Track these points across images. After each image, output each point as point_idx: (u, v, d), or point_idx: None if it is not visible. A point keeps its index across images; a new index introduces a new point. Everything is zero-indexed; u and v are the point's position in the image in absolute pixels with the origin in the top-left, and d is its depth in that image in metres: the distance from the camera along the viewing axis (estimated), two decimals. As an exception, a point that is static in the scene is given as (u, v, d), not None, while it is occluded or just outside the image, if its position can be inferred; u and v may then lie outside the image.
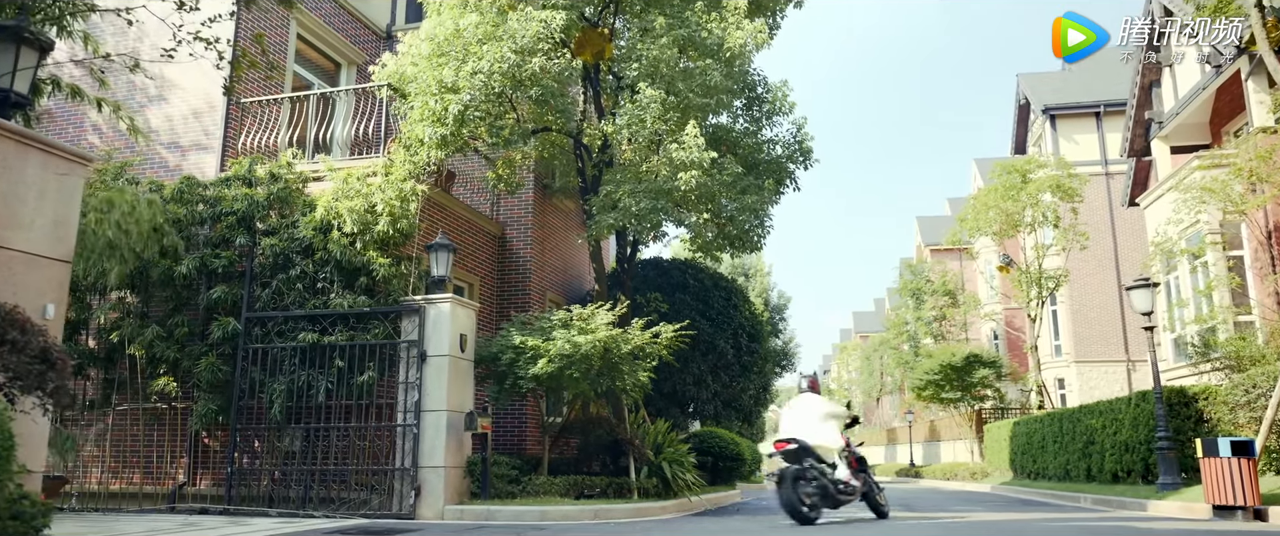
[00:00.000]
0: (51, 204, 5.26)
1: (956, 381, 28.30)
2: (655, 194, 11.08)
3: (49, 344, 4.38)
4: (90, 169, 5.69)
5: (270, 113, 12.59)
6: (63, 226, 5.34)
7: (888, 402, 60.60)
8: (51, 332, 5.14)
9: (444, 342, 10.24)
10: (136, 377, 11.21)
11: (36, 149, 5.21)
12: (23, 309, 4.50)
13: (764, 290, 37.47)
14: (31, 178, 5.13)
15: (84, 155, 5.53)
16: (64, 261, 5.34)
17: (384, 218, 10.36)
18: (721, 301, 15.72)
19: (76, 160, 5.43)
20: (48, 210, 5.23)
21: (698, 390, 15.04)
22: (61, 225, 5.34)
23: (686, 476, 12.09)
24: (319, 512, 9.91)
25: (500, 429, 13.72)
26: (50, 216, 5.25)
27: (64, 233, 5.35)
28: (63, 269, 5.32)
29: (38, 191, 5.15)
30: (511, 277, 14.60)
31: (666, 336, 11.35)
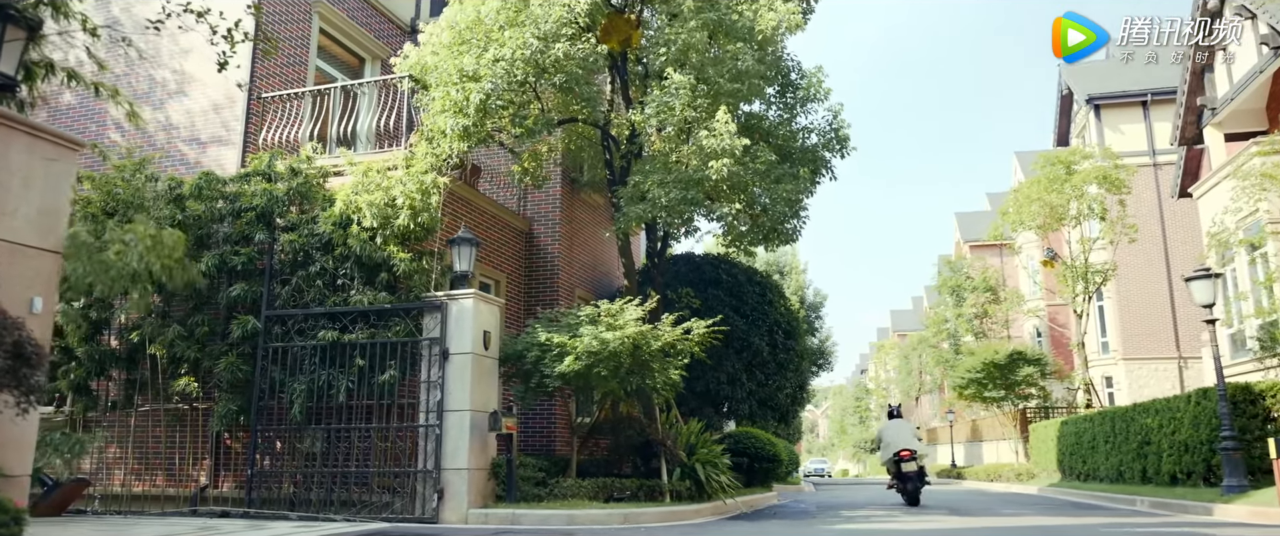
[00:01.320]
0: (38, 191, 4.95)
1: (1000, 380, 27.45)
2: (685, 184, 10.62)
3: (23, 338, 4.07)
4: (81, 154, 5.39)
5: (291, 107, 12.33)
6: (51, 215, 5.03)
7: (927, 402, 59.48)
8: (40, 327, 4.83)
9: (467, 340, 9.88)
10: (158, 378, 11.00)
11: (22, 132, 4.90)
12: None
13: (799, 288, 36.80)
14: (16, 163, 4.82)
15: (74, 140, 5.22)
16: (53, 252, 5.03)
17: (404, 211, 10.02)
18: (756, 297, 15.20)
19: (66, 145, 5.12)
20: (34, 198, 4.92)
21: (732, 389, 14.53)
22: (50, 214, 5.03)
23: (721, 478, 11.61)
24: (340, 516, 9.59)
25: (528, 429, 13.36)
26: (36, 205, 4.94)
27: (53, 222, 5.04)
28: (51, 260, 5.01)
29: (23, 178, 4.85)
30: (539, 274, 14.22)
31: (698, 332, 10.88)
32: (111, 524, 9.42)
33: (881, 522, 10.21)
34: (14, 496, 4.70)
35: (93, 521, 9.77)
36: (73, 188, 11.53)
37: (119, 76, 13.16)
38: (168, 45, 13.06)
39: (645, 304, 10.79)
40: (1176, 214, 29.66)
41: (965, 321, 38.41)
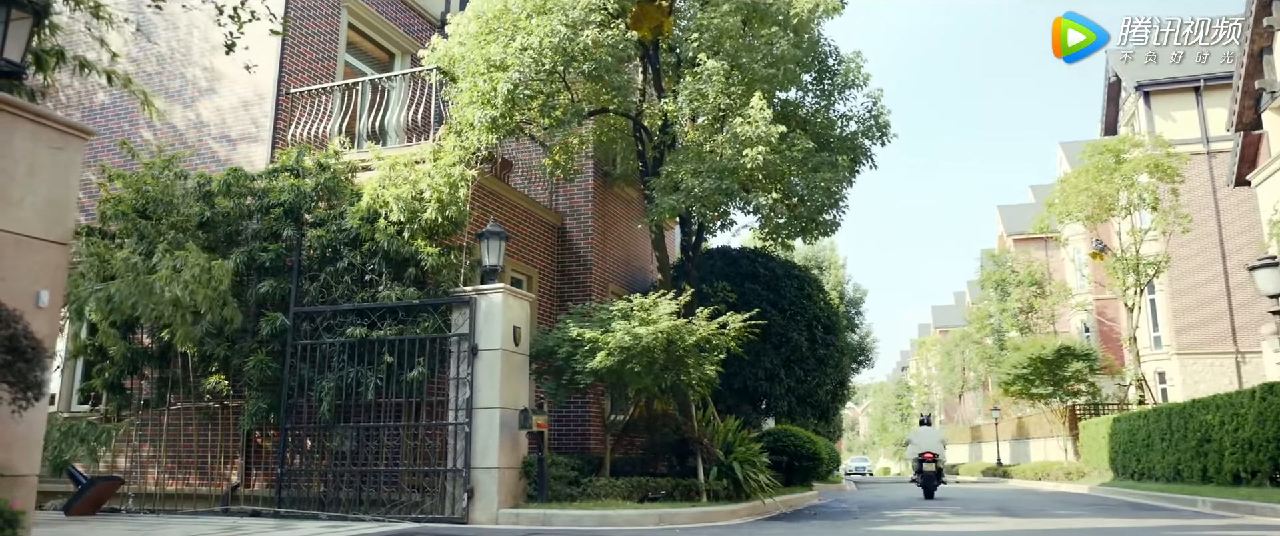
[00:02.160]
0: (45, 181, 4.78)
1: (1047, 375, 26.67)
2: (719, 173, 10.27)
3: (19, 332, 3.88)
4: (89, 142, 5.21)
5: (319, 103, 12.20)
6: (58, 206, 4.85)
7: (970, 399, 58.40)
8: (46, 321, 4.65)
9: (496, 336, 9.64)
10: (189, 375, 10.93)
11: (26, 119, 4.72)
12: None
13: (839, 283, 36.18)
14: (20, 151, 4.65)
15: (81, 128, 5.04)
16: (60, 243, 4.85)
17: (431, 205, 9.81)
18: (794, 291, 14.80)
19: (73, 133, 4.94)
20: (40, 187, 4.75)
21: (770, 385, 14.15)
22: (57, 205, 4.85)
23: (759, 477, 11.26)
24: (369, 515, 9.41)
25: (562, 427, 13.11)
26: (43, 195, 4.77)
27: (60, 213, 4.86)
28: (59, 252, 4.83)
29: (28, 166, 4.67)
30: (572, 269, 13.97)
31: (735, 327, 10.54)
32: (142, 523, 9.34)
33: (928, 524, 9.78)
34: (22, 497, 4.52)
35: (124, 520, 9.70)
36: (105, 186, 11.64)
37: (150, 75, 13.18)
38: (198, 42, 13.03)
39: (679, 298, 10.47)
40: (1232, 203, 28.60)
41: (1010, 316, 37.53)
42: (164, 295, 8.54)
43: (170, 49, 13.23)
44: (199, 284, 8.76)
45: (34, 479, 4.69)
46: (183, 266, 8.72)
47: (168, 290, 8.54)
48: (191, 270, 8.68)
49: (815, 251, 35.91)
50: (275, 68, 12.22)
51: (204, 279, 8.80)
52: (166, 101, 12.93)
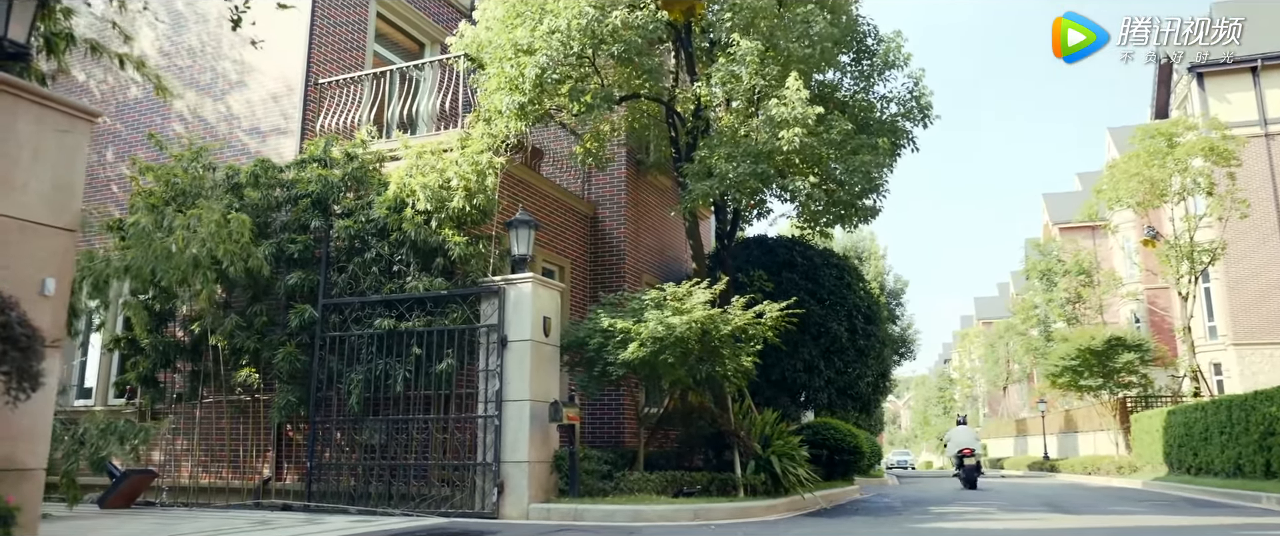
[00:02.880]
0: (50, 165, 4.61)
1: (1097, 367, 25.83)
2: (754, 157, 9.92)
3: (12, 319, 3.70)
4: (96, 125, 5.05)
5: (348, 93, 12.07)
6: (65, 191, 4.69)
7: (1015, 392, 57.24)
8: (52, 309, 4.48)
9: (526, 326, 9.41)
10: (220, 369, 10.87)
11: (30, 101, 4.56)
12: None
13: (879, 274, 35.52)
14: (24, 134, 4.49)
15: (89, 111, 4.87)
16: (67, 230, 4.69)
17: (458, 193, 9.60)
18: (833, 280, 14.38)
19: (80, 115, 4.77)
20: (45, 172, 4.59)
21: (809, 377, 13.77)
22: (63, 189, 4.69)
23: (798, 471, 10.91)
24: (398, 510, 9.25)
25: (596, 420, 12.87)
26: (48, 179, 4.61)
27: (66, 198, 4.70)
28: (66, 238, 4.66)
29: (32, 150, 4.51)
30: (605, 259, 13.70)
31: (771, 316, 10.20)
32: (172, 516, 9.29)
33: (976, 520, 9.37)
34: (27, 492, 4.37)
35: (156, 514, 9.67)
36: (136, 180, 11.63)
37: (182, 69, 13.18)
38: (228, 36, 12.95)
39: (714, 287, 10.16)
40: (1293, 186, 27.47)
41: (1057, 307, 36.58)
42: (183, 256, 8.37)
43: (201, 42, 13.21)
44: (218, 239, 8.57)
45: (40, 473, 4.54)
46: (198, 224, 8.55)
47: (186, 250, 8.36)
48: (207, 226, 8.50)
49: (855, 241, 35.31)
50: (303, 59, 12.12)
51: (222, 233, 8.62)
52: (197, 95, 12.92)
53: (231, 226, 8.98)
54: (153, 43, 13.62)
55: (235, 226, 9.00)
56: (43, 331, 4.09)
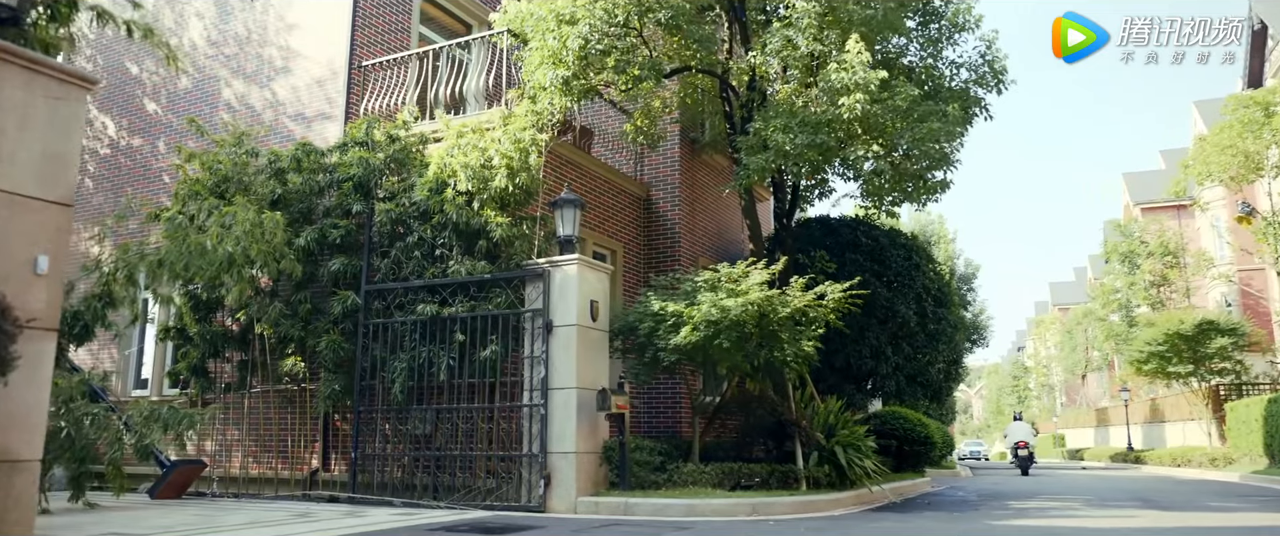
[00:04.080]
0: (40, 134, 4.29)
1: (1186, 353, 24.33)
2: (813, 127, 9.27)
3: (-24, 295, 3.37)
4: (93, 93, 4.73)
5: (391, 75, 11.76)
6: (58, 162, 4.36)
7: (1095, 380, 55.00)
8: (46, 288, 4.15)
9: (572, 310, 8.95)
10: (268, 358, 10.69)
11: (18, 66, 4.24)
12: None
13: (949, 258, 34.22)
14: (11, 100, 4.17)
15: (85, 76, 4.54)
16: (61, 204, 4.36)
17: (500, 171, 9.17)
18: (901, 261, 13.60)
19: (74, 81, 4.43)
20: (34, 142, 4.26)
21: (876, 363, 13.03)
22: (56, 160, 4.36)
23: (865, 463, 10.24)
24: (443, 503, 8.91)
25: (652, 409, 12.38)
26: (38, 149, 4.28)
27: (60, 170, 4.37)
28: (60, 213, 4.34)
29: (20, 118, 4.19)
30: (659, 243, 13.18)
31: (833, 297, 9.55)
32: (217, 508, 9.11)
33: (1063, 517, 8.60)
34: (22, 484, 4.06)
35: (203, 505, 9.51)
36: (183, 168, 11.53)
37: (229, 57, 13.07)
38: (273, 22, 12.81)
39: (772, 266, 9.55)
40: (1404, 157, 25.39)
41: (1140, 290, 34.72)
42: (216, 253, 8.17)
43: (247, 30, 13.07)
44: (251, 238, 8.35)
45: (34, 465, 4.23)
46: (232, 222, 8.33)
47: (220, 247, 8.16)
48: (242, 226, 8.28)
49: (923, 225, 34.09)
50: (347, 42, 11.86)
51: (256, 233, 8.39)
52: (244, 83, 12.79)
53: (265, 226, 8.74)
54: (201, 33, 13.55)
55: (268, 226, 8.76)
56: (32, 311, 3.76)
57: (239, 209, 8.84)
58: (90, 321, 7.81)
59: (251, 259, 8.61)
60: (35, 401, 4.15)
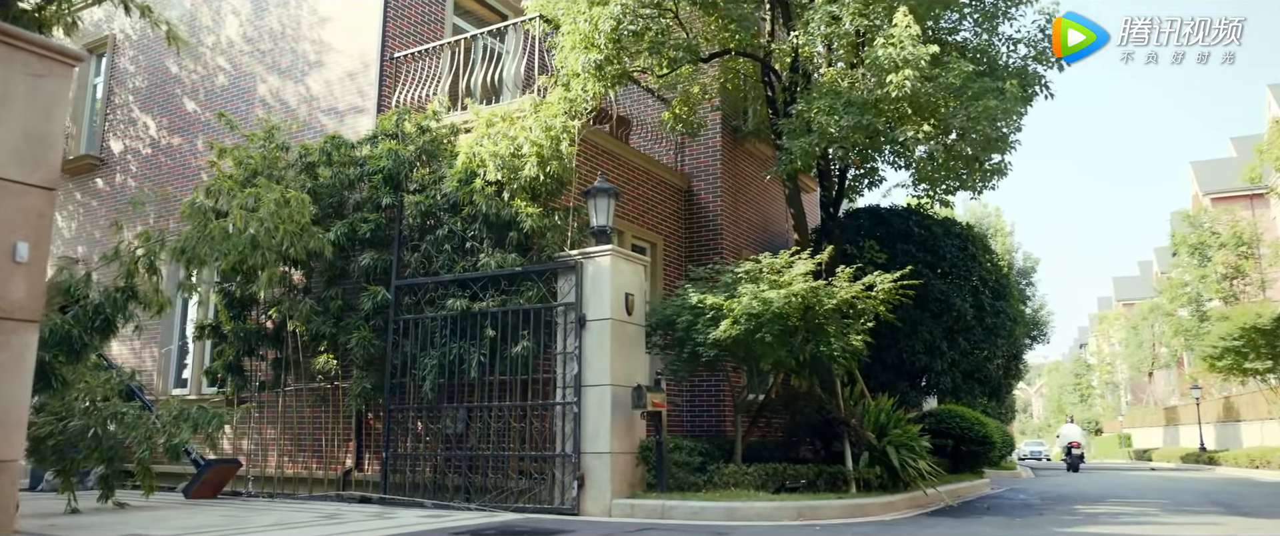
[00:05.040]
0: (19, 112, 4.03)
1: (1265, 348, 23.07)
2: (859, 107, 8.73)
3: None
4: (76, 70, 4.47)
5: (422, 66, 11.50)
6: (38, 143, 4.10)
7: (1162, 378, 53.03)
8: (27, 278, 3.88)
9: (605, 304, 8.55)
10: (301, 356, 10.51)
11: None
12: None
13: (1007, 251, 33.08)
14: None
15: (68, 52, 4.27)
16: (43, 187, 4.09)
17: (530, 160, 8.81)
18: (955, 251, 12.93)
19: (57, 57, 4.17)
20: (14, 121, 4.00)
21: (930, 359, 12.39)
22: (36, 141, 4.09)
23: (919, 464, 9.67)
24: (474, 504, 8.58)
25: (695, 407, 11.93)
26: (18, 128, 4.02)
27: (40, 151, 4.10)
28: (40, 197, 4.07)
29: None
30: (700, 235, 12.71)
31: (883, 288, 9.00)
32: (249, 508, 8.92)
33: (1138, 525, 7.93)
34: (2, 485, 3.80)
35: (236, 505, 9.34)
36: (216, 164, 11.43)
37: (264, 52, 12.96)
38: (307, 16, 12.66)
39: (817, 256, 9.04)
40: None
41: (1212, 283, 33.19)
42: (241, 237, 7.95)
43: (281, 25, 12.95)
44: (278, 219, 8.12)
45: (14, 464, 3.97)
46: (257, 203, 8.11)
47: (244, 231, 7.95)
48: (267, 206, 8.05)
49: (979, 217, 33.01)
50: (379, 34, 11.64)
51: (282, 213, 8.16)
52: (279, 78, 12.67)
53: (292, 206, 8.50)
54: (237, 29, 13.49)
55: (295, 206, 8.53)
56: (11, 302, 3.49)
57: (263, 189, 8.63)
58: (111, 314, 7.64)
59: (277, 241, 8.38)
60: (15, 397, 3.89)
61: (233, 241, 8.18)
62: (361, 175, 10.22)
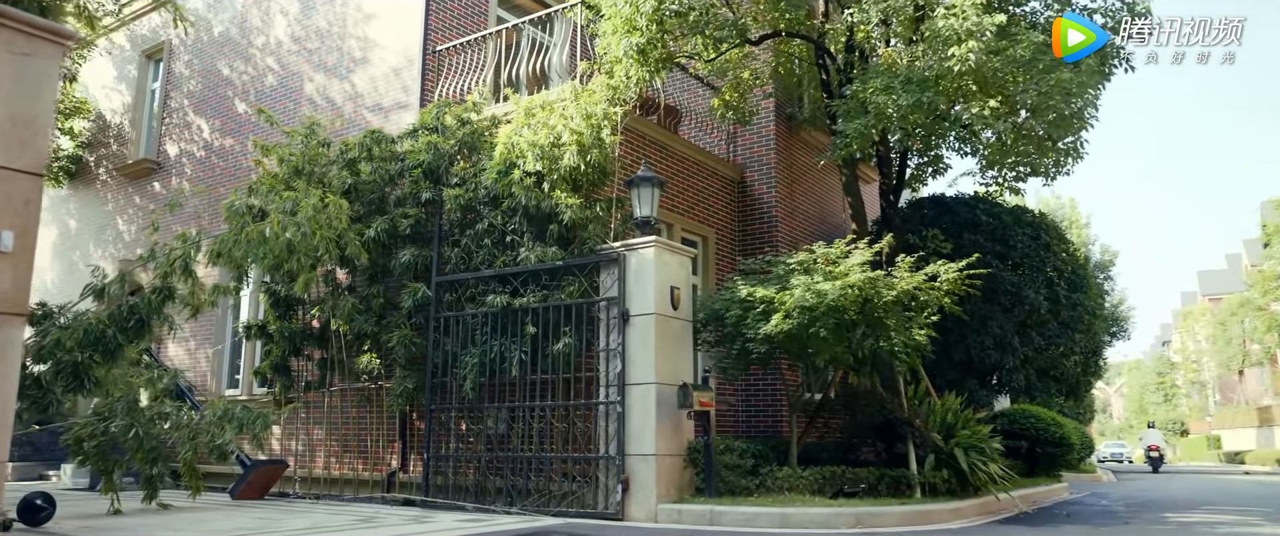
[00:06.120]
0: (4, 95, 3.80)
1: (1370, 342, 21.47)
2: (919, 85, 8.14)
3: None
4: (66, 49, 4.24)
5: (466, 58, 11.25)
6: (25, 126, 3.86)
7: (1254, 376, 50.30)
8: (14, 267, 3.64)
9: (649, 298, 8.13)
10: (346, 356, 10.34)
11: (-26, 16, 3.75)
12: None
13: (1083, 244, 31.62)
14: (-34, 55, 3.69)
15: (57, 31, 4.03)
16: (29, 173, 3.85)
17: (570, 148, 8.45)
18: (1027, 240, 12.14)
19: (43, 36, 3.93)
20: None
21: (1001, 355, 11.65)
22: (23, 124, 3.86)
23: (990, 467, 9.01)
24: (515, 508, 8.25)
25: (750, 407, 11.43)
26: (3, 112, 3.79)
27: (26, 135, 3.87)
28: (27, 183, 3.84)
29: (-21, 75, 3.71)
30: (754, 228, 12.20)
31: (948, 278, 8.40)
32: (291, 510, 8.77)
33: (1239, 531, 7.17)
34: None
35: (279, 506, 9.21)
36: (262, 162, 11.36)
37: (312, 51, 12.90)
38: (352, 13, 12.54)
39: (875, 245, 8.48)
40: None
41: (1309, 274, 31.25)
42: (278, 240, 7.79)
43: (328, 23, 12.87)
44: (315, 224, 7.94)
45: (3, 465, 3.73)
46: (296, 207, 7.94)
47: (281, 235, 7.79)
48: (305, 211, 7.87)
49: (1052, 209, 31.62)
50: (421, 28, 11.43)
51: (319, 219, 7.98)
52: (325, 77, 12.59)
53: (329, 211, 8.32)
54: (285, 29, 13.47)
55: (333, 211, 8.34)
56: None
57: (301, 194, 8.46)
58: (145, 315, 7.52)
59: (314, 245, 8.21)
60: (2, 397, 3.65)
61: (269, 245, 8.02)
62: (402, 170, 10.01)
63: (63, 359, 7.19)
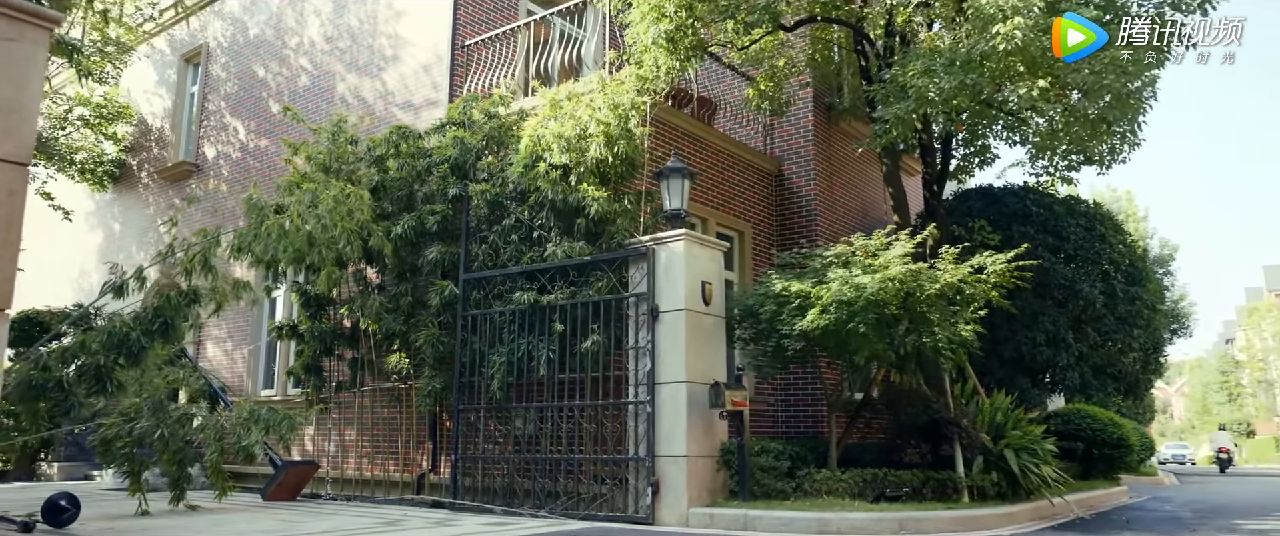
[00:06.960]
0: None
1: None
2: (961, 66, 7.72)
3: None
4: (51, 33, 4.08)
5: (495, 52, 11.07)
6: (10, 113, 3.70)
7: (1325, 374, 48.19)
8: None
9: (679, 293, 7.83)
10: (375, 355, 10.22)
11: (-45, -1, 3.60)
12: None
13: (1141, 237, 30.51)
14: (-55, 38, 3.54)
15: (42, 14, 3.86)
16: (14, 163, 3.69)
17: (596, 139, 8.18)
18: (1081, 232, 11.58)
19: (28, 19, 3.77)
20: (-21, 88, 3.61)
21: (1054, 352, 11.11)
22: (8, 111, 3.70)
23: (1043, 470, 8.53)
24: (543, 511, 8.01)
25: (789, 407, 11.07)
26: (-17, 96, 3.62)
27: (12, 123, 3.71)
28: (11, 173, 3.67)
29: (-43, 59, 3.55)
30: (792, 222, 11.82)
31: (995, 270, 7.96)
32: (318, 511, 8.64)
33: None
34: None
35: (308, 507, 9.11)
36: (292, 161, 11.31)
37: (343, 51, 12.85)
38: (383, 11, 12.45)
39: (917, 236, 8.08)
40: None
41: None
42: (298, 234, 7.67)
43: (359, 22, 12.80)
44: (335, 216, 7.80)
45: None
46: (316, 199, 7.80)
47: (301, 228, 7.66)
48: (326, 203, 7.73)
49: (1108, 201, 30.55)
50: (450, 23, 11.29)
51: (340, 211, 7.84)
52: (357, 76, 12.52)
53: (350, 202, 8.18)
54: (318, 29, 13.44)
55: (354, 202, 8.20)
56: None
57: (321, 186, 8.33)
58: (170, 317, 7.43)
59: (334, 236, 8.07)
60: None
61: (290, 238, 7.90)
62: (429, 166, 9.85)
63: (86, 361, 7.13)
